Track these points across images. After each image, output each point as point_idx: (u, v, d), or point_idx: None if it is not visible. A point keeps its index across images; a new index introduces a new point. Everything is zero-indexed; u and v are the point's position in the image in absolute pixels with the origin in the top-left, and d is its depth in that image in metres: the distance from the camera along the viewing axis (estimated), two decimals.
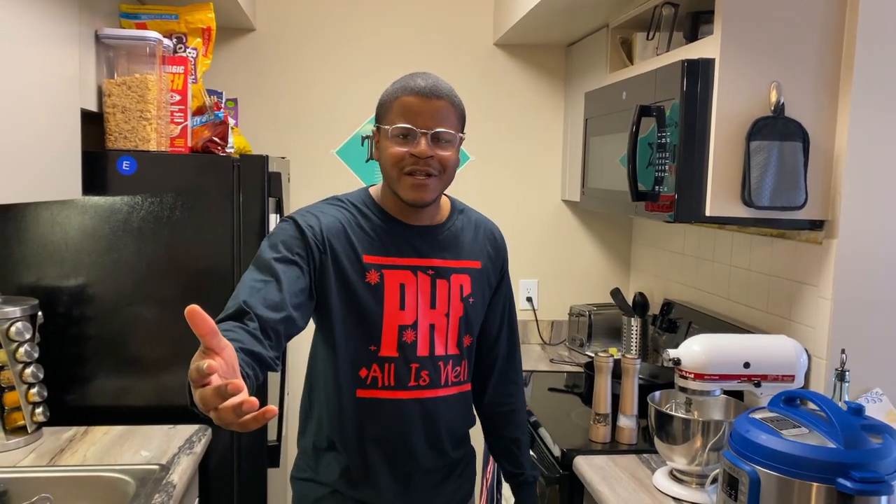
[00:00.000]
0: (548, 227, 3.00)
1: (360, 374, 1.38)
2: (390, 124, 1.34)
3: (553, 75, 2.96)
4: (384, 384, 1.39)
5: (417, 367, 1.40)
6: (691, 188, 1.70)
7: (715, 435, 1.51)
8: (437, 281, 1.42)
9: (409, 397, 1.40)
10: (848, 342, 1.70)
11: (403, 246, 1.40)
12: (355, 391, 1.38)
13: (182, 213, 1.96)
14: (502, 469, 1.64)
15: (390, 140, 1.34)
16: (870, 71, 1.66)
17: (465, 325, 1.46)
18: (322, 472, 1.46)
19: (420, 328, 1.39)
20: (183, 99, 2.08)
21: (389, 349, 1.38)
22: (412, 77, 1.36)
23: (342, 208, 1.43)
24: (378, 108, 1.40)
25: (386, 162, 1.36)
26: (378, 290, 1.37)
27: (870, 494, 1.12)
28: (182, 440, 1.84)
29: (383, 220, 1.41)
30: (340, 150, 2.87)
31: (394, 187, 1.37)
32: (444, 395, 1.44)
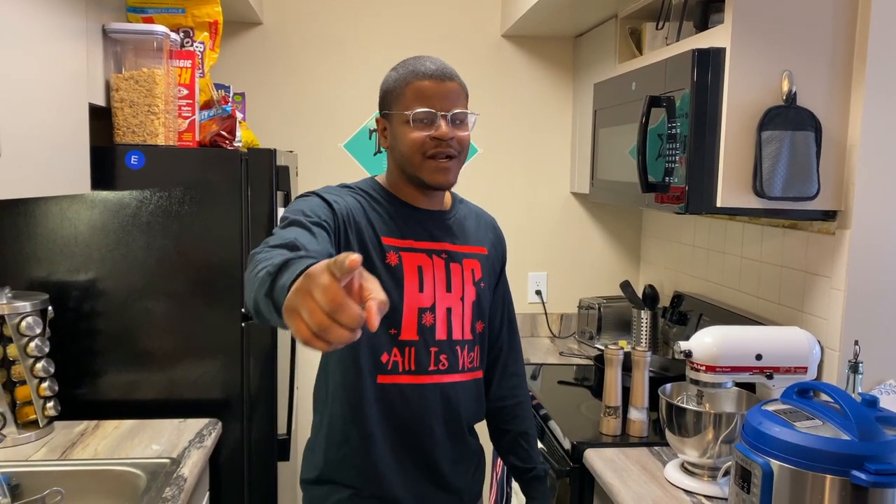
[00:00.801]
0: (557, 220, 2.98)
1: (381, 359, 1.35)
2: (406, 109, 1.33)
3: (561, 66, 2.94)
4: (405, 369, 1.36)
5: (437, 351, 1.39)
6: (702, 179, 1.68)
7: (727, 427, 1.50)
8: (450, 264, 1.42)
9: (429, 382, 1.38)
10: (861, 333, 1.69)
11: (417, 229, 1.40)
12: (376, 377, 1.36)
13: (190, 208, 1.96)
14: (511, 466, 1.60)
15: (408, 126, 1.33)
16: (884, 59, 1.64)
17: (478, 309, 1.46)
18: (340, 471, 1.40)
19: (438, 311, 1.38)
20: (190, 93, 2.07)
21: (410, 332, 1.36)
22: (417, 61, 1.36)
23: (354, 192, 1.40)
24: (385, 95, 1.38)
25: (405, 148, 1.34)
26: (398, 271, 1.35)
27: (885, 487, 1.10)
28: (192, 434, 1.84)
29: (394, 205, 1.41)
30: (348, 143, 2.87)
31: (415, 172, 1.36)
32: (461, 381, 1.43)
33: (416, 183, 1.38)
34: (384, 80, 1.39)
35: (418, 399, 1.38)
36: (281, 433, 2.10)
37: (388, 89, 1.37)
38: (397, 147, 1.36)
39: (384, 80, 1.39)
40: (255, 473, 2.05)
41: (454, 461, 1.46)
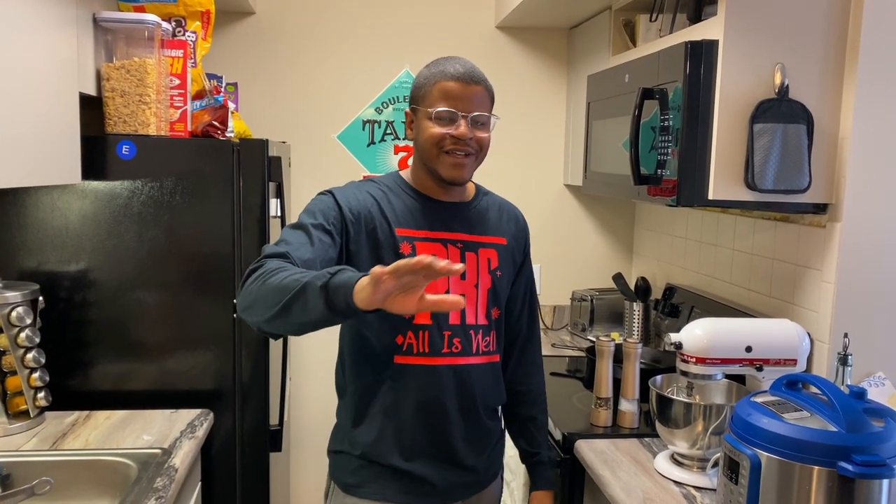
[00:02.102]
0: (550, 212, 2.98)
1: (396, 340, 1.43)
2: (430, 106, 1.41)
3: (555, 58, 2.93)
4: (419, 350, 1.44)
5: (450, 335, 1.45)
6: (694, 171, 1.68)
7: (716, 419, 1.51)
8: (465, 254, 1.48)
9: (443, 363, 1.45)
10: (851, 326, 1.70)
11: (434, 221, 1.47)
12: (393, 357, 1.43)
13: (182, 198, 1.95)
14: (520, 449, 1.65)
15: (430, 121, 1.42)
16: (876, 53, 1.64)
17: (493, 296, 1.52)
18: (359, 442, 1.48)
19: None
20: (182, 83, 2.07)
21: (423, 317, 1.43)
22: (449, 62, 1.44)
23: (376, 187, 1.49)
24: (414, 90, 1.46)
25: (425, 141, 1.43)
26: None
27: (871, 478, 1.11)
28: (184, 424, 1.84)
29: (415, 198, 1.49)
30: (341, 134, 2.86)
31: (432, 165, 1.44)
32: (475, 363, 1.49)
33: (435, 176, 1.46)
34: (417, 77, 1.47)
35: (432, 378, 1.45)
36: (273, 424, 2.10)
37: (417, 85, 1.45)
38: (419, 140, 1.45)
39: (417, 76, 1.47)
40: (247, 464, 2.06)
41: (468, 440, 1.50)
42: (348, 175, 2.85)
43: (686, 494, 1.49)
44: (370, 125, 2.86)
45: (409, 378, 1.44)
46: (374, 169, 2.87)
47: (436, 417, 1.46)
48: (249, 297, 1.20)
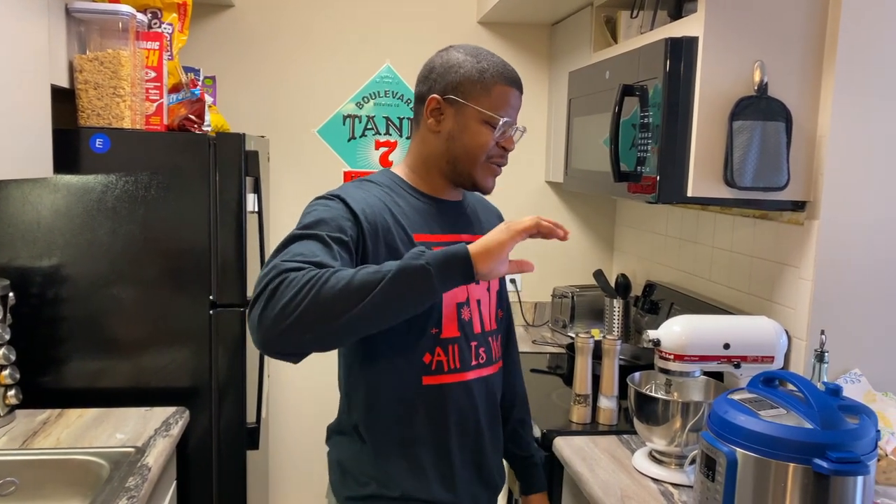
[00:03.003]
0: (532, 209, 2.98)
1: (423, 360, 1.28)
2: (489, 109, 1.29)
3: (537, 54, 2.92)
4: (450, 367, 1.31)
5: (476, 345, 1.35)
6: (673, 168, 1.68)
7: (694, 416, 1.51)
8: None
9: (474, 377, 1.34)
10: (828, 323, 1.71)
11: (442, 222, 1.36)
12: (421, 379, 1.28)
13: (157, 192, 1.92)
14: (509, 454, 1.58)
15: (484, 126, 1.29)
16: (854, 51, 1.64)
17: (500, 297, 1.45)
18: (394, 482, 1.30)
19: (471, 304, 1.34)
20: (158, 76, 2.03)
21: (451, 329, 1.30)
22: (500, 60, 1.32)
23: (380, 189, 1.33)
24: (461, 81, 1.29)
25: (472, 145, 1.30)
26: None
27: (846, 475, 1.11)
28: (158, 422, 1.82)
29: (421, 199, 1.36)
30: (322, 129, 2.83)
31: (469, 170, 1.32)
32: (497, 371, 1.42)
33: (461, 179, 1.34)
34: (456, 63, 1.30)
35: (466, 396, 1.33)
36: (250, 422, 2.08)
37: (467, 77, 1.29)
38: (461, 139, 1.30)
39: (455, 62, 1.30)
40: (224, 462, 2.03)
41: (495, 455, 1.43)
42: (328, 170, 2.82)
43: (664, 491, 1.49)
44: (351, 120, 2.84)
45: (442, 399, 1.30)
46: (354, 164, 2.85)
47: (471, 438, 1.35)
48: (295, 311, 1.02)
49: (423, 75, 1.34)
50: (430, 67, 1.33)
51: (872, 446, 1.16)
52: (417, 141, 1.37)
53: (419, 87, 1.35)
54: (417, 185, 1.37)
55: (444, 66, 1.31)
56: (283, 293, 1.04)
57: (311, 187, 2.80)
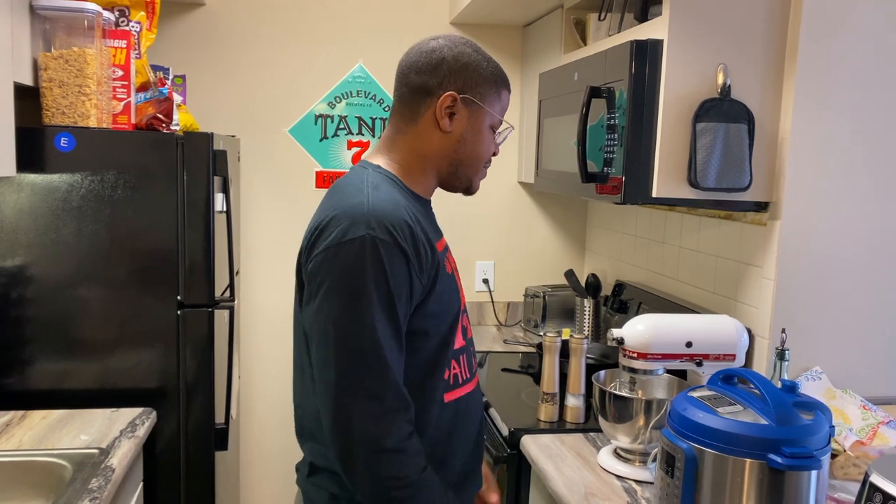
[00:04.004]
0: (504, 209, 2.99)
1: (443, 376, 1.22)
2: (498, 113, 1.26)
3: (509, 55, 2.94)
4: (464, 379, 1.26)
5: (472, 351, 1.34)
6: (639, 169, 1.70)
7: (657, 413, 1.53)
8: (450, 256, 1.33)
9: (475, 386, 1.32)
10: (790, 322, 1.74)
11: (436, 225, 1.31)
12: (443, 397, 1.22)
13: (124, 192, 1.91)
14: None
15: (491, 132, 1.26)
16: (814, 54, 1.68)
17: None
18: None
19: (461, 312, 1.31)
20: (126, 74, 2.01)
21: (460, 340, 1.26)
22: (499, 65, 1.28)
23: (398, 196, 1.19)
24: (481, 83, 1.22)
25: (480, 150, 1.26)
26: (453, 278, 1.25)
27: (799, 469, 1.14)
28: (124, 423, 1.80)
29: (417, 202, 1.25)
30: (293, 128, 2.82)
31: (469, 174, 1.27)
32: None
33: (458, 181, 1.28)
34: (472, 62, 1.21)
35: (475, 405, 1.31)
36: (219, 422, 2.07)
37: (484, 79, 1.22)
38: (472, 143, 1.24)
39: (470, 60, 1.21)
40: (192, 463, 2.02)
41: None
42: (300, 170, 2.82)
43: (627, 488, 1.51)
44: (323, 120, 2.83)
45: (461, 412, 1.26)
46: (326, 164, 2.84)
47: (475, 448, 1.33)
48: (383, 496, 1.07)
49: (427, 65, 1.21)
50: (438, 58, 1.20)
51: (826, 441, 1.19)
52: (414, 137, 1.24)
53: (422, 77, 1.21)
54: (410, 184, 1.26)
55: (458, 62, 1.21)
56: (396, 470, 1.08)
57: (283, 187, 2.79)
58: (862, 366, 1.80)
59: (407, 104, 1.24)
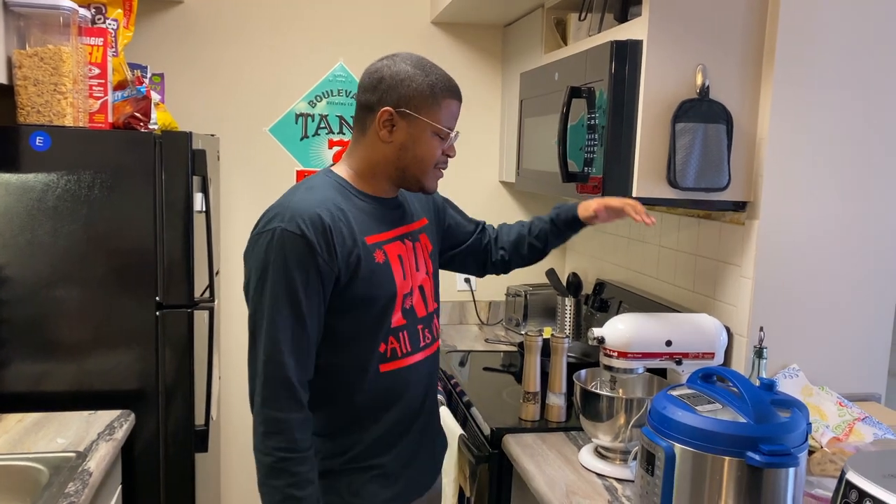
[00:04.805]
0: (486, 208, 2.99)
1: (380, 349, 1.38)
2: (438, 122, 1.37)
3: (490, 55, 2.94)
4: (403, 352, 1.42)
5: (422, 328, 1.46)
6: (619, 169, 1.71)
7: (637, 412, 1.54)
8: (415, 245, 1.48)
9: (421, 358, 1.45)
10: (768, 320, 1.76)
11: (385, 220, 1.43)
12: (379, 368, 1.39)
13: (101, 192, 1.88)
14: (556, 236, 1.71)
15: (435, 137, 1.38)
16: (791, 56, 1.70)
17: (436, 277, 1.55)
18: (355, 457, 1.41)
19: (415, 291, 1.45)
20: (102, 73, 1.99)
21: (399, 319, 1.40)
22: (445, 74, 1.39)
23: (328, 195, 1.35)
24: (412, 95, 1.34)
25: (424, 155, 1.38)
26: (386, 266, 1.38)
27: (777, 467, 1.15)
28: (102, 426, 1.78)
29: (365, 200, 1.41)
30: (273, 127, 2.80)
31: (419, 177, 1.40)
32: (437, 348, 1.53)
33: (409, 183, 1.42)
34: (406, 77, 1.34)
35: (415, 376, 1.45)
36: (199, 424, 2.05)
37: (418, 92, 1.34)
38: (413, 150, 1.37)
39: (405, 75, 1.34)
40: (172, 466, 2.00)
41: (432, 423, 1.55)
42: (281, 169, 2.80)
43: (608, 487, 1.52)
44: (303, 119, 2.81)
45: (398, 381, 1.41)
46: (307, 163, 2.83)
47: (417, 411, 1.47)
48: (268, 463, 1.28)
49: (370, 84, 1.36)
50: (378, 77, 1.36)
51: (803, 439, 1.20)
52: (364, 147, 1.40)
53: (366, 95, 1.37)
54: (361, 187, 1.42)
55: (395, 79, 1.34)
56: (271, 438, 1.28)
57: (263, 186, 2.77)
58: (838, 363, 1.83)
59: (358, 119, 1.41)
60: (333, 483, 1.38)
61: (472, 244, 1.71)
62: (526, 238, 1.72)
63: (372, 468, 1.40)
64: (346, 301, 1.32)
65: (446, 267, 1.74)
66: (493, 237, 1.75)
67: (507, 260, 1.74)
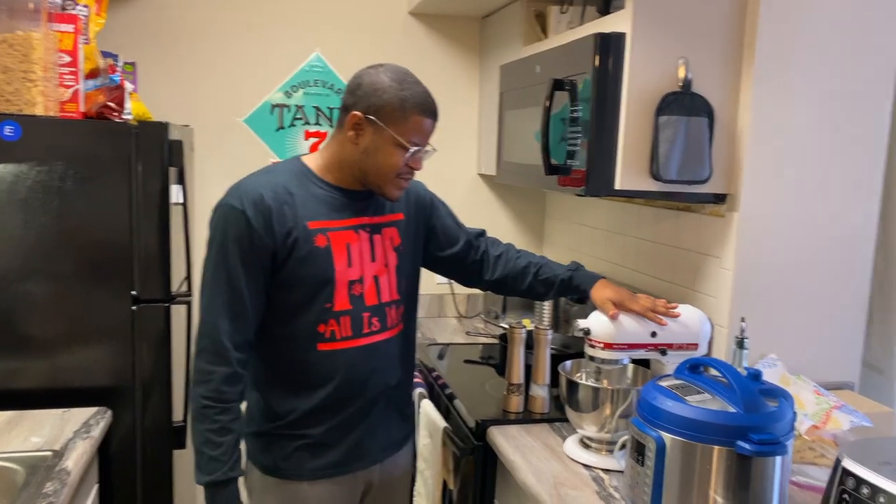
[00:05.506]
0: (464, 201, 2.99)
1: (318, 329, 1.46)
2: (402, 135, 1.42)
3: (468, 47, 2.93)
4: (342, 335, 1.48)
5: (368, 316, 1.52)
6: (602, 162, 1.72)
7: (623, 402, 1.55)
8: (373, 236, 1.53)
9: (363, 343, 1.51)
10: (747, 311, 1.78)
11: (344, 210, 1.50)
12: (317, 346, 1.47)
13: (74, 183, 1.83)
14: (555, 292, 1.75)
15: (398, 148, 1.43)
16: (772, 50, 1.72)
17: (401, 272, 1.58)
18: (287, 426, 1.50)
19: (366, 280, 1.51)
20: (73, 60, 1.93)
21: (343, 304, 1.48)
22: (420, 89, 1.44)
23: (281, 179, 1.46)
24: (382, 105, 1.41)
25: (385, 165, 1.44)
26: (328, 252, 1.45)
27: (767, 455, 1.17)
28: (78, 424, 1.74)
29: (326, 189, 1.49)
30: (249, 118, 2.76)
31: (379, 184, 1.47)
32: (389, 336, 1.57)
33: (370, 186, 1.49)
34: (381, 87, 1.41)
35: (354, 359, 1.51)
36: (177, 420, 2.01)
37: (388, 103, 1.41)
38: (374, 157, 1.44)
39: (381, 85, 1.41)
40: (149, 463, 1.96)
41: (391, 410, 1.61)
42: (256, 160, 2.75)
43: (595, 477, 1.53)
44: (279, 109, 2.77)
45: (335, 361, 1.48)
46: (283, 154, 2.79)
47: (358, 395, 1.52)
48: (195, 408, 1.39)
49: (350, 87, 1.45)
50: (357, 83, 1.44)
51: (790, 427, 1.22)
52: (337, 142, 1.49)
53: (346, 97, 1.46)
54: (325, 176, 1.50)
55: (371, 87, 1.42)
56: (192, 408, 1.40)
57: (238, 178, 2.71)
58: (814, 353, 1.86)
59: (339, 116, 1.49)
60: (269, 444, 1.49)
61: (456, 253, 1.72)
62: (529, 277, 1.75)
63: (303, 437, 1.49)
64: (283, 278, 1.43)
65: (433, 269, 1.76)
66: (491, 256, 1.76)
67: (500, 284, 1.77)
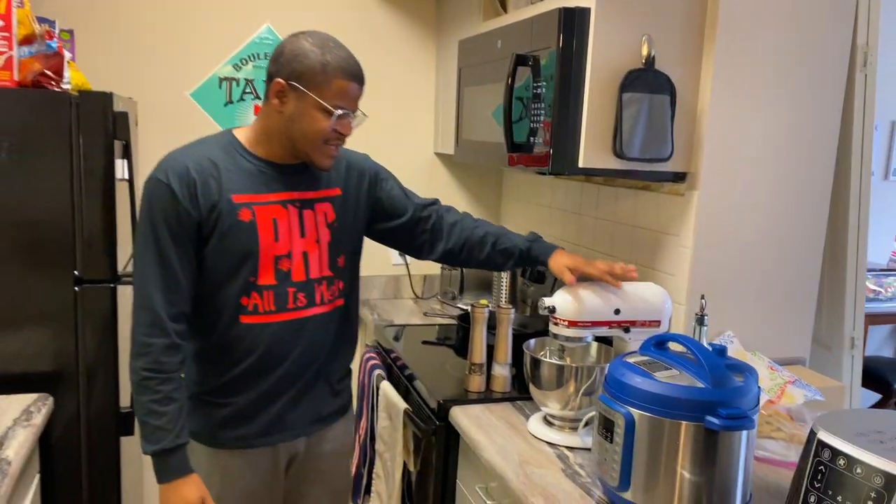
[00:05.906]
0: (419, 181, 2.94)
1: (241, 301, 1.46)
2: (326, 100, 1.40)
3: (423, 22, 2.87)
4: (265, 309, 1.48)
5: (294, 291, 1.50)
6: (566, 140, 1.70)
7: (587, 380, 1.54)
8: (304, 211, 1.51)
9: (288, 318, 1.50)
10: (705, 288, 1.80)
11: (273, 184, 1.48)
12: (239, 318, 1.47)
13: (9, 157, 1.72)
14: (511, 262, 1.71)
15: (322, 113, 1.41)
16: (732, 30, 1.72)
17: (335, 248, 1.56)
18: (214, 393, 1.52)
19: (294, 256, 1.50)
20: (7, 25, 1.80)
21: (268, 278, 1.47)
22: (344, 54, 1.42)
23: (208, 152, 1.45)
24: (303, 71, 1.39)
25: (310, 131, 1.42)
26: (252, 226, 1.44)
27: (735, 429, 1.18)
28: (18, 412, 1.64)
29: (255, 163, 1.48)
30: (195, 92, 2.64)
31: (308, 152, 1.45)
32: (320, 312, 1.55)
33: (300, 155, 1.47)
34: (302, 53, 1.39)
35: (278, 333, 1.50)
36: (124, 406, 1.93)
37: (309, 68, 1.39)
38: (300, 123, 1.42)
39: (301, 51, 1.39)
40: (94, 451, 1.88)
41: (321, 384, 1.60)
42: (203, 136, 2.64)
43: (560, 455, 1.52)
44: (228, 83, 2.67)
45: (258, 334, 1.48)
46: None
47: (281, 367, 1.52)
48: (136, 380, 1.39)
49: (274, 56, 1.44)
50: (280, 50, 1.43)
51: (756, 402, 1.23)
52: (264, 113, 1.47)
53: (269, 66, 1.44)
54: (254, 149, 1.48)
55: (292, 53, 1.40)
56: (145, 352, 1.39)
57: None
58: (767, 330, 1.90)
59: (265, 87, 1.47)
60: (198, 408, 1.52)
61: (405, 223, 1.69)
62: (487, 247, 1.71)
63: (226, 405, 1.51)
64: (209, 250, 1.43)
65: (382, 241, 1.73)
66: (446, 224, 1.72)
67: (455, 254, 1.73)
